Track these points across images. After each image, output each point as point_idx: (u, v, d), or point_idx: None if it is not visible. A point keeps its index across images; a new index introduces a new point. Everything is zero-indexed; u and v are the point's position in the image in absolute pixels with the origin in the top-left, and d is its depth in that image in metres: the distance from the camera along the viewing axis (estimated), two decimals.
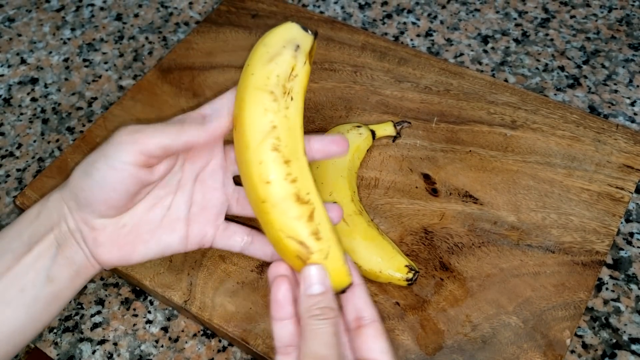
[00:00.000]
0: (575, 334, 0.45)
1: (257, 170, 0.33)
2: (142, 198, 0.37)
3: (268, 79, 0.33)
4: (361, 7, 0.68)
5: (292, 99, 0.34)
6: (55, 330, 0.47)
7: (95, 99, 0.62)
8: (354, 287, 0.36)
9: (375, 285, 0.45)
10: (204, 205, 0.39)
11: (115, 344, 0.46)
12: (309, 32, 0.35)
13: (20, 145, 0.58)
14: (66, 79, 0.63)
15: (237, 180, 0.38)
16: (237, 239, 0.40)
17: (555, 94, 0.59)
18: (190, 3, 0.70)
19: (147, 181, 0.36)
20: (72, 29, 0.68)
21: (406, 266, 0.43)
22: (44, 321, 0.37)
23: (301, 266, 0.34)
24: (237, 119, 0.34)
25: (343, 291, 0.35)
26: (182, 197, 0.38)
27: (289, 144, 0.33)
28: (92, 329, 0.47)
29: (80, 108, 0.61)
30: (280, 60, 0.34)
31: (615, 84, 0.60)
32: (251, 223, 0.39)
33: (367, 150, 0.52)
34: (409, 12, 0.68)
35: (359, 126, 0.51)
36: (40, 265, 0.36)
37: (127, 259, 0.38)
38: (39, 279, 0.35)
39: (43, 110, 0.61)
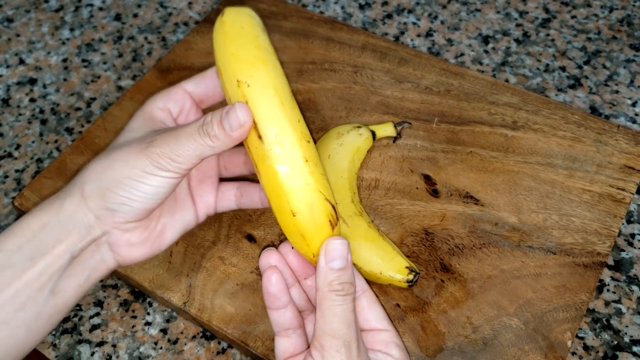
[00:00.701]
0: (577, 336, 0.45)
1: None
2: None
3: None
4: (361, 7, 0.68)
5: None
6: (53, 332, 0.47)
7: (94, 99, 0.61)
8: None
9: (375, 286, 0.45)
10: (200, 179, 0.42)
11: (114, 345, 0.46)
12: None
13: (18, 146, 0.58)
14: (65, 80, 0.63)
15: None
16: (231, 197, 0.42)
17: (556, 95, 0.59)
18: (190, 3, 0.70)
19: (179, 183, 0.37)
20: (71, 29, 0.68)
21: (407, 268, 0.43)
22: (45, 334, 0.36)
23: (304, 245, 0.33)
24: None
25: None
26: None
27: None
28: (90, 331, 0.46)
29: (79, 108, 0.61)
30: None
31: (616, 85, 0.60)
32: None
33: (368, 151, 0.52)
34: (410, 12, 0.67)
35: (359, 127, 0.51)
36: (45, 280, 0.34)
37: (157, 250, 0.38)
38: (42, 294, 0.34)
39: (42, 111, 0.61)
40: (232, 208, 0.42)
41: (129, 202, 0.35)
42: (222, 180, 0.43)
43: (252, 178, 0.44)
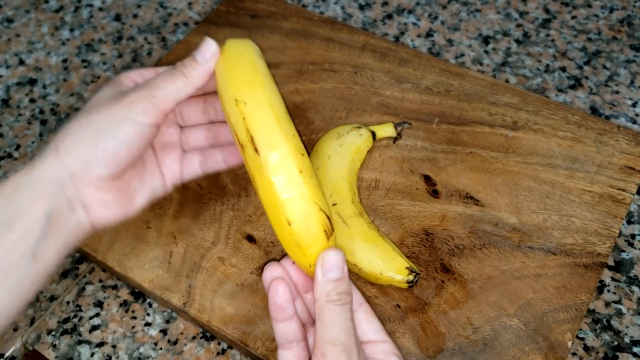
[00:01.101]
0: (577, 336, 0.45)
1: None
2: None
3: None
4: (361, 7, 0.68)
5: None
6: (53, 333, 0.47)
7: None
8: None
9: (375, 287, 0.45)
10: (163, 148, 0.42)
11: (113, 346, 0.46)
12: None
13: (18, 147, 0.58)
14: (65, 80, 0.63)
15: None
16: (195, 164, 0.42)
17: (556, 95, 0.59)
18: (190, 3, 0.70)
19: (156, 136, 0.37)
20: (71, 30, 0.68)
21: (407, 268, 0.43)
22: (27, 300, 0.35)
23: (300, 254, 0.34)
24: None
25: None
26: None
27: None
28: (90, 332, 0.46)
29: (79, 109, 0.61)
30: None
31: (616, 85, 0.60)
32: None
33: (368, 152, 0.52)
34: (410, 12, 0.67)
35: (359, 127, 0.51)
36: (25, 245, 0.33)
37: (127, 213, 0.38)
38: (24, 260, 0.33)
39: (42, 111, 0.61)
40: (198, 174, 0.43)
41: (105, 153, 0.35)
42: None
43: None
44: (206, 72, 0.37)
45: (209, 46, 0.37)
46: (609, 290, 0.47)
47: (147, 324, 0.47)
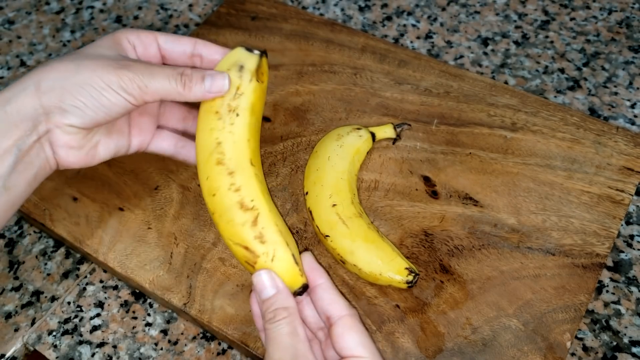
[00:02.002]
0: (576, 337, 0.45)
1: (206, 185, 0.37)
2: None
3: (214, 101, 0.37)
4: (361, 9, 0.68)
5: (237, 115, 0.36)
6: (54, 333, 0.47)
7: None
8: (314, 289, 0.36)
9: (375, 287, 0.45)
10: (140, 112, 0.43)
11: (114, 346, 0.46)
12: (255, 52, 0.38)
13: None
14: None
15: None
16: (169, 142, 0.44)
17: (555, 96, 0.59)
18: (190, 5, 0.70)
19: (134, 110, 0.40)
20: (72, 31, 0.68)
21: (406, 269, 0.43)
22: None
23: (253, 272, 0.35)
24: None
25: (301, 292, 0.36)
26: None
27: (234, 156, 0.36)
28: (91, 332, 0.47)
29: None
30: None
31: (615, 86, 0.60)
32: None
33: (367, 153, 0.52)
34: (409, 14, 0.68)
35: (359, 128, 0.51)
36: None
37: (90, 162, 0.40)
38: None
39: None
40: (165, 152, 0.44)
41: (84, 108, 0.36)
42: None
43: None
44: (204, 97, 0.38)
45: (223, 82, 0.37)
46: (607, 291, 0.47)
47: (148, 325, 0.47)
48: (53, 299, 0.48)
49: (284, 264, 0.35)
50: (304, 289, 0.36)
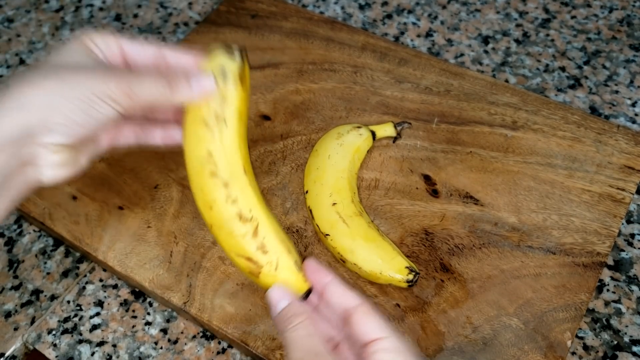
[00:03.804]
0: (576, 336, 0.45)
1: (200, 197, 0.36)
2: None
3: (200, 110, 0.35)
4: (361, 7, 0.68)
5: (226, 124, 0.35)
6: (54, 332, 0.47)
7: None
8: (325, 286, 0.36)
9: (375, 286, 0.45)
10: None
11: (114, 345, 0.46)
12: (235, 51, 0.36)
13: None
14: None
15: None
16: (131, 135, 0.41)
17: (556, 95, 0.59)
18: (190, 3, 0.70)
19: None
20: (72, 30, 0.68)
21: (406, 267, 0.43)
22: None
23: (257, 281, 0.36)
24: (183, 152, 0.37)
25: (305, 297, 0.36)
26: None
27: (227, 167, 0.35)
28: (91, 331, 0.46)
29: None
30: None
31: (616, 85, 0.60)
32: None
33: (368, 151, 0.52)
34: (409, 12, 0.67)
35: (359, 127, 0.51)
36: None
37: (74, 173, 0.38)
38: None
39: None
40: (132, 144, 0.42)
41: (71, 124, 0.34)
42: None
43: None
44: (190, 99, 0.36)
45: (209, 82, 0.36)
46: (608, 290, 0.47)
47: (148, 323, 0.47)
48: (53, 298, 0.48)
49: (287, 272, 0.36)
50: (308, 293, 0.37)
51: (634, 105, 0.58)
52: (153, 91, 0.35)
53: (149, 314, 0.47)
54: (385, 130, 0.52)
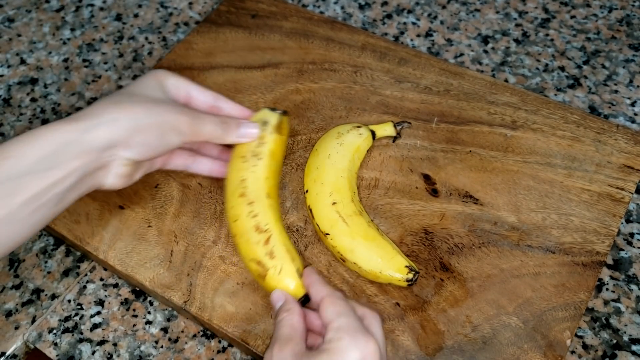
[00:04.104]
0: (576, 335, 0.45)
1: (230, 213, 0.44)
2: None
3: (243, 148, 0.46)
4: (361, 7, 0.68)
5: (259, 159, 0.45)
6: (54, 331, 0.47)
7: (95, 99, 0.61)
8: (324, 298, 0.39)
9: (375, 285, 0.45)
10: None
11: (115, 344, 0.46)
12: (278, 111, 0.47)
13: None
14: (66, 79, 0.63)
15: None
16: (180, 161, 0.49)
17: (555, 95, 0.59)
18: (190, 3, 0.70)
19: None
20: (72, 29, 0.68)
21: (406, 267, 0.43)
22: (37, 232, 0.42)
23: (264, 284, 0.42)
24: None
25: (303, 302, 0.40)
26: None
27: (254, 190, 0.44)
28: (91, 330, 0.47)
29: (80, 108, 0.61)
30: None
31: (615, 84, 0.60)
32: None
33: (367, 151, 0.52)
34: (409, 12, 0.68)
35: (359, 126, 0.51)
36: (56, 192, 0.39)
37: (128, 184, 0.44)
38: (50, 203, 0.39)
39: (43, 111, 0.61)
40: (177, 168, 0.49)
41: (147, 146, 0.42)
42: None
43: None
44: (237, 141, 0.46)
45: (254, 130, 0.46)
46: (607, 289, 0.47)
47: (148, 322, 0.47)
48: (53, 297, 0.49)
49: (289, 276, 0.41)
50: (306, 298, 0.41)
51: (633, 104, 0.58)
52: (212, 130, 0.44)
53: (149, 313, 0.47)
54: (385, 129, 0.52)
